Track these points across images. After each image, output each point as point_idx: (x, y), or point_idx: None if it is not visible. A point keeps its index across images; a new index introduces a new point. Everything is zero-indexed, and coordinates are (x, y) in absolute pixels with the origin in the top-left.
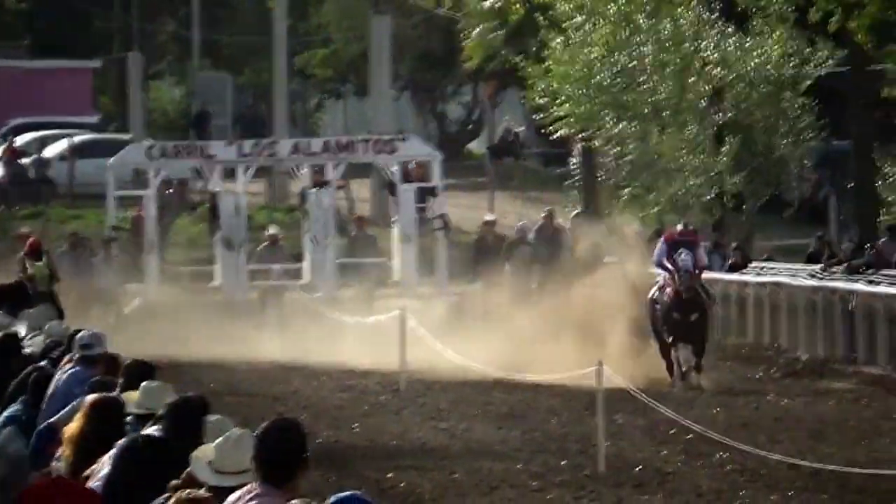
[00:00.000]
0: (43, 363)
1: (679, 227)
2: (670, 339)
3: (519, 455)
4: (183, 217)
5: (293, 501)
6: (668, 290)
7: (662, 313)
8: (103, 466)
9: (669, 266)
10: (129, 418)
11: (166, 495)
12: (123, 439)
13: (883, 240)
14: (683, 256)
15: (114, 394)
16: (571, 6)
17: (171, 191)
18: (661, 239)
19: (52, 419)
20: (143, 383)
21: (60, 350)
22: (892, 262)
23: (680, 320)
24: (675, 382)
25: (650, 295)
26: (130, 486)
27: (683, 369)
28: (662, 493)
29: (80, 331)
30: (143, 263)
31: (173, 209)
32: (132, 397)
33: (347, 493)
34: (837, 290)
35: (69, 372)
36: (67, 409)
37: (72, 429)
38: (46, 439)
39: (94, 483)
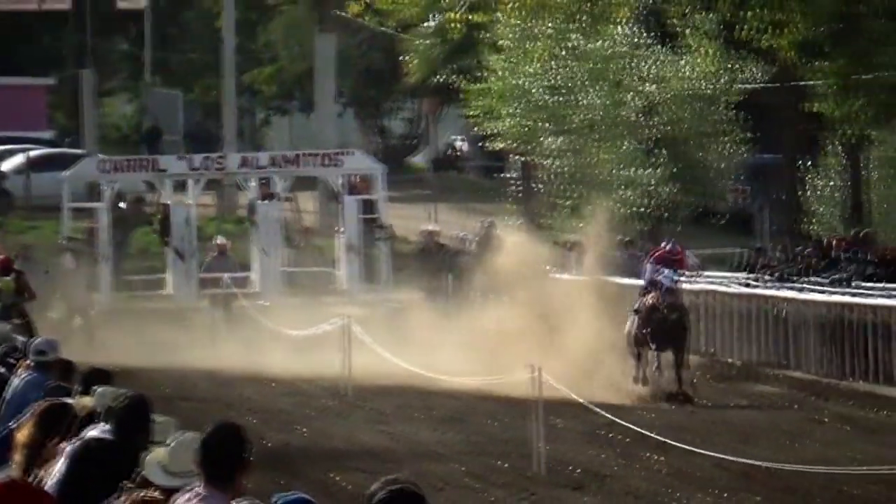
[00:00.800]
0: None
1: (667, 246)
2: (653, 346)
3: (461, 457)
4: (139, 230)
5: (235, 501)
6: (647, 299)
7: (644, 315)
8: (55, 470)
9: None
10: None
11: (118, 496)
12: (74, 443)
13: (809, 249)
14: (666, 273)
15: (65, 399)
16: (509, 27)
17: (122, 204)
18: (651, 258)
19: (11, 424)
20: (97, 388)
21: (16, 357)
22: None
23: (661, 317)
24: (639, 377)
25: (634, 306)
26: (82, 487)
27: (663, 373)
28: (600, 494)
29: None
30: (97, 272)
31: (130, 224)
32: (86, 402)
33: (292, 493)
34: (769, 297)
35: (24, 378)
36: (24, 414)
37: (22, 434)
38: (6, 446)
39: (47, 486)
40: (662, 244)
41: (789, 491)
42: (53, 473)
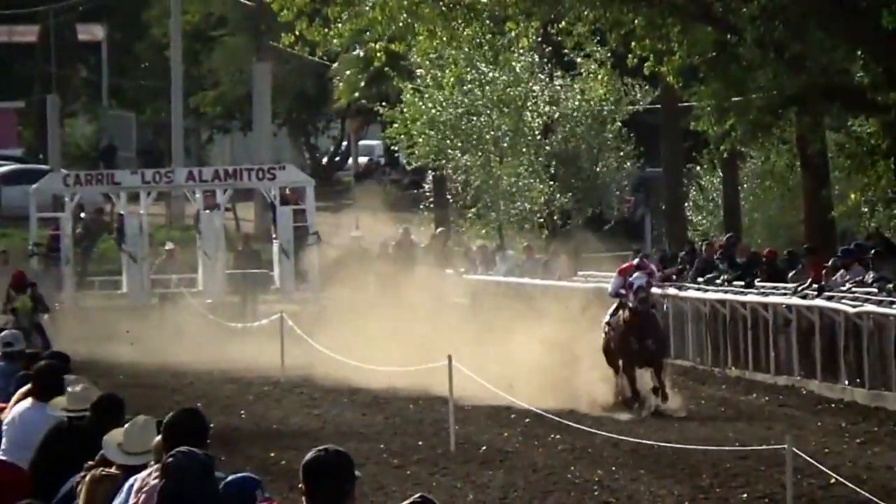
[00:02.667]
0: None
1: (635, 261)
2: (627, 364)
3: (382, 437)
4: (103, 239)
5: None
6: (621, 315)
7: (618, 338)
8: None
9: (623, 292)
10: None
11: (82, 473)
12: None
13: (683, 253)
14: (637, 275)
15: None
16: (422, 56)
17: (83, 215)
18: (617, 273)
19: None
20: (69, 389)
21: None
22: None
23: (637, 347)
24: (630, 404)
25: (605, 319)
26: (53, 465)
27: (641, 392)
28: (503, 468)
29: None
30: (60, 274)
31: (93, 233)
32: (59, 402)
33: (240, 474)
34: (683, 299)
35: None
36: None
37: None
38: None
39: None
40: (630, 259)
41: (673, 465)
42: None
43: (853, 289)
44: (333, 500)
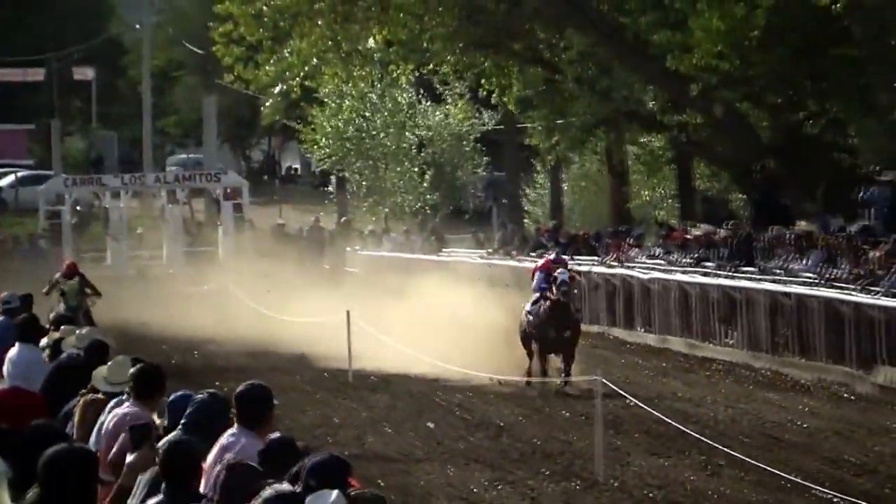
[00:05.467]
0: None
1: (552, 255)
2: (544, 350)
3: (299, 371)
4: (91, 225)
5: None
6: (543, 304)
7: (537, 326)
8: None
9: (545, 286)
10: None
11: (78, 398)
12: (57, 360)
13: (520, 235)
14: (561, 270)
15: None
16: (329, 88)
17: (78, 208)
18: (537, 268)
19: None
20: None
21: None
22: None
23: (555, 336)
24: (526, 373)
25: (525, 307)
26: (60, 391)
27: (549, 373)
28: (388, 393)
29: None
30: (61, 251)
31: (86, 221)
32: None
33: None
34: (518, 269)
35: None
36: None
37: None
38: None
39: None
40: (547, 255)
41: (515, 391)
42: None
43: (645, 260)
44: (258, 420)
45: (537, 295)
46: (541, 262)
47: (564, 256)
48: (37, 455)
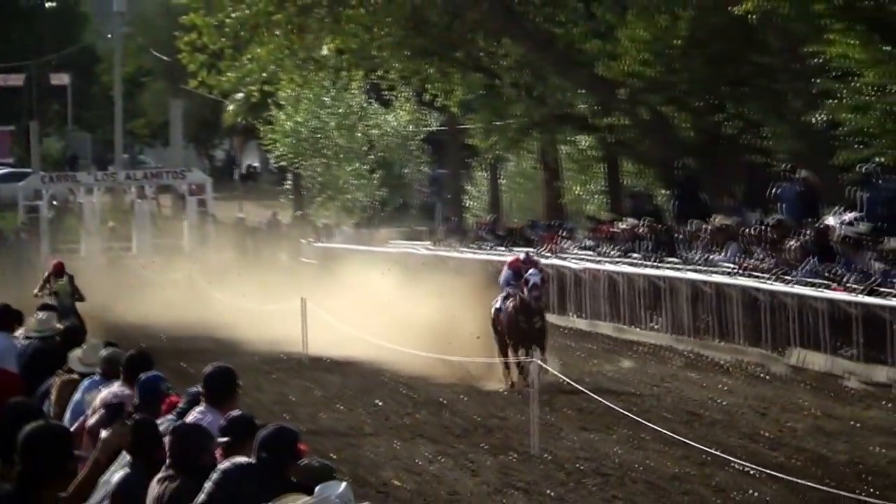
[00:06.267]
0: None
1: (522, 255)
2: (514, 344)
3: (256, 352)
4: (66, 218)
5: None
6: (511, 302)
7: (507, 320)
8: None
9: (513, 283)
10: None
11: (53, 378)
12: (31, 344)
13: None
14: (532, 271)
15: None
16: (289, 91)
17: (55, 203)
18: (506, 266)
19: None
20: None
21: None
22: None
23: (525, 327)
24: (507, 382)
25: (494, 304)
26: (35, 373)
27: (520, 370)
28: (340, 374)
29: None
30: (39, 243)
31: (62, 216)
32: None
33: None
34: (459, 259)
35: None
36: None
37: None
38: None
39: None
40: (517, 255)
41: (455, 373)
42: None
43: (577, 252)
44: (224, 399)
45: (506, 292)
46: (510, 258)
47: (534, 256)
48: (14, 430)
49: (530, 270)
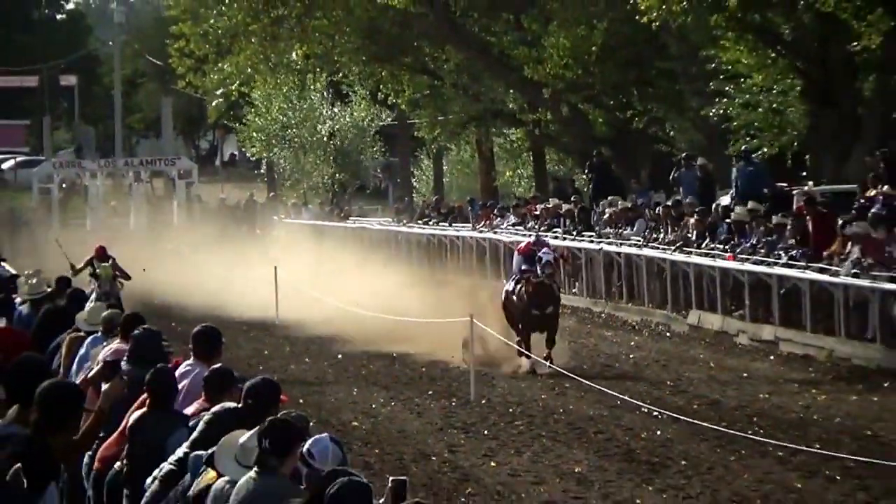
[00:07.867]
0: None
1: (532, 239)
2: (525, 330)
3: (237, 316)
4: (74, 199)
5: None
6: (522, 287)
7: (520, 307)
8: None
9: (525, 268)
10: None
11: (63, 336)
12: (45, 307)
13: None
14: (545, 250)
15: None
16: (261, 93)
17: (64, 185)
18: (517, 252)
19: None
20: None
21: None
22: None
23: (538, 314)
24: (525, 365)
25: (506, 287)
26: (48, 332)
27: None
28: (314, 338)
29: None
30: (51, 218)
31: (70, 197)
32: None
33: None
34: (408, 233)
35: None
36: None
37: None
38: None
39: None
40: (527, 239)
41: (407, 335)
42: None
43: (508, 227)
44: (210, 354)
45: (518, 276)
46: (521, 244)
47: (545, 237)
48: (22, 381)
49: (543, 250)
